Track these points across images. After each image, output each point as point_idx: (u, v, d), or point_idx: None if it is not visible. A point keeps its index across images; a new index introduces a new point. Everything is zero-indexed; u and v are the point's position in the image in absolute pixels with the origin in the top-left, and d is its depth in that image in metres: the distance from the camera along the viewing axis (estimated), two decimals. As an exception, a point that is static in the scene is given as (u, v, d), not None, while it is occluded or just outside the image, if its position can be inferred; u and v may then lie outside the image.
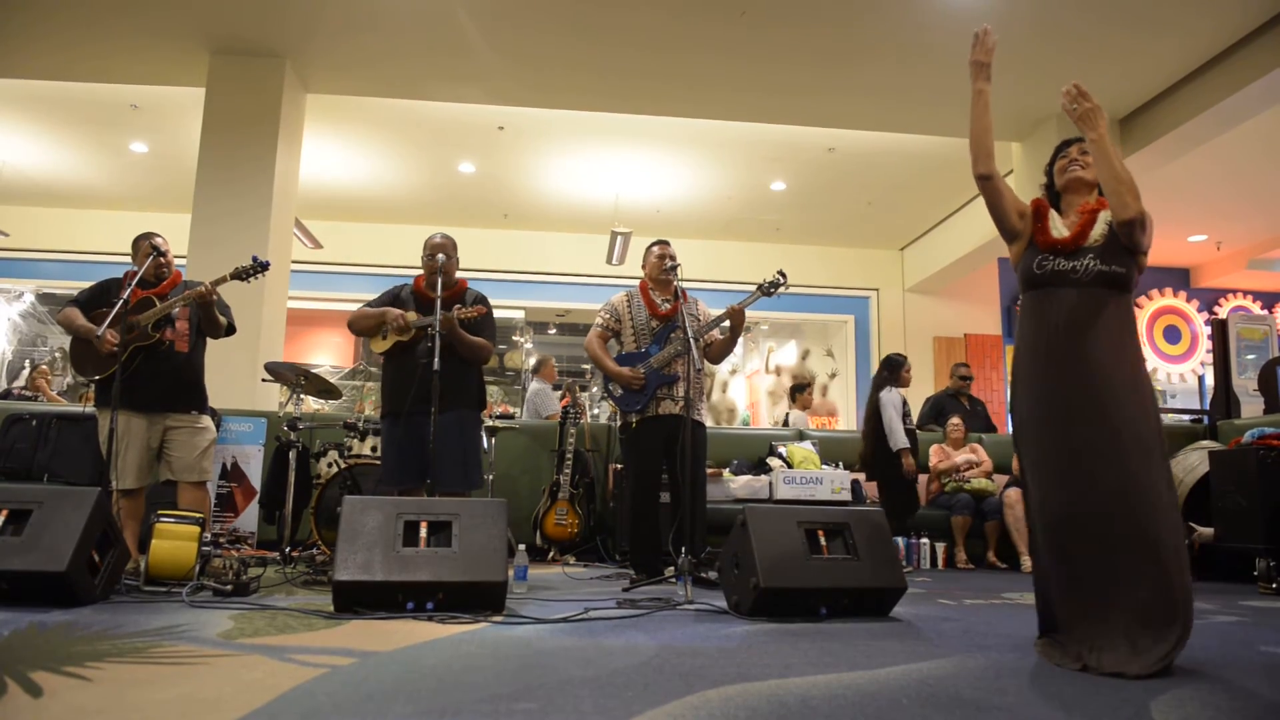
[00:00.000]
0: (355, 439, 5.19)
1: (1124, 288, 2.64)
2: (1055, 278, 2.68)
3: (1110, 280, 2.62)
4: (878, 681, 2.11)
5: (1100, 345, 2.57)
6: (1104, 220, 2.70)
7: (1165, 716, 1.82)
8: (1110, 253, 2.63)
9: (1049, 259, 2.71)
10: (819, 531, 3.38)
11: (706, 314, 4.78)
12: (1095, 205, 2.74)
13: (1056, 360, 2.63)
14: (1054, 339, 2.64)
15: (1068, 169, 2.84)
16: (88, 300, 4.31)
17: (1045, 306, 2.69)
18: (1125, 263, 2.62)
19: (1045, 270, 2.71)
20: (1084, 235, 2.69)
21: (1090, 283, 2.62)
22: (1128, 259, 2.63)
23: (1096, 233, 2.69)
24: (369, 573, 3.05)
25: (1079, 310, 2.61)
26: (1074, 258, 2.67)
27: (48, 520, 3.11)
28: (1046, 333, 2.66)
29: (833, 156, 9.25)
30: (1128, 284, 2.65)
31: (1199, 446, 5.53)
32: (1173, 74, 7.23)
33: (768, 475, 6.27)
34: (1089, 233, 2.69)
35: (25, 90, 8.22)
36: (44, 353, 11.88)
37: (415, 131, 9.02)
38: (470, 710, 1.76)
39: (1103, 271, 2.62)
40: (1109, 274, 2.61)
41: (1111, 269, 2.62)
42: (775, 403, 13.69)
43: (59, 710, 1.70)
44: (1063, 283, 2.66)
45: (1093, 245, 2.67)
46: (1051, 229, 2.77)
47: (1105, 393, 2.54)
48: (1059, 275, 2.68)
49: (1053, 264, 2.70)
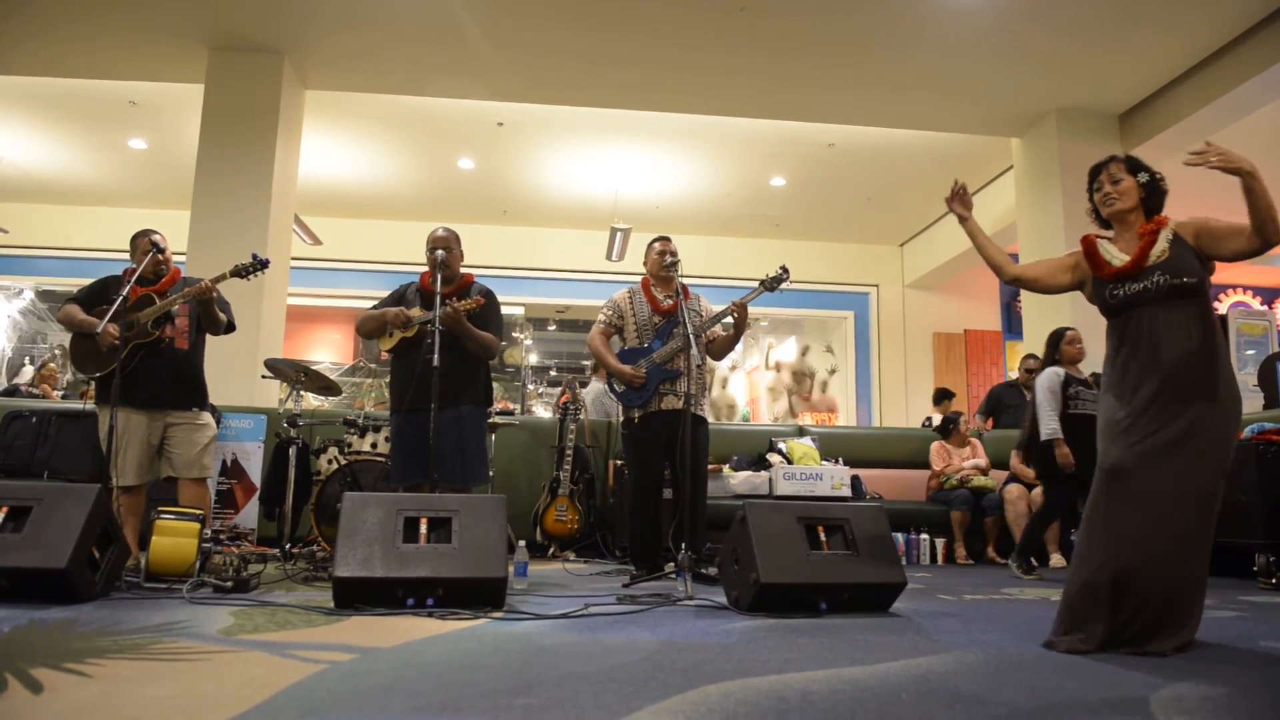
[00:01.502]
0: (355, 435, 5.19)
1: (1201, 295, 2.74)
2: (1131, 300, 2.79)
3: (1184, 291, 2.70)
4: (877, 676, 2.11)
5: (1184, 351, 2.67)
6: (1165, 238, 2.79)
7: (1165, 711, 1.82)
8: (1178, 266, 2.72)
9: (1119, 286, 2.82)
10: (819, 527, 3.39)
11: (708, 310, 4.78)
12: (1154, 225, 2.84)
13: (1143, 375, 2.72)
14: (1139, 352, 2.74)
15: (1105, 203, 2.93)
16: (87, 298, 4.30)
17: (1128, 326, 2.80)
18: (1195, 272, 2.72)
19: (1119, 297, 2.82)
20: (1144, 257, 2.78)
21: (1166, 296, 2.71)
22: (1197, 268, 2.73)
23: (1158, 250, 2.78)
24: (369, 569, 3.05)
25: (1165, 327, 2.71)
26: (1142, 279, 2.77)
27: (48, 517, 3.11)
28: (1143, 348, 2.74)
29: (832, 152, 9.24)
30: (1202, 291, 2.74)
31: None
32: (1173, 69, 7.22)
33: (768, 471, 6.27)
34: (1149, 253, 2.78)
35: (24, 87, 8.21)
36: (44, 350, 11.87)
37: (414, 127, 9.01)
38: (470, 706, 1.76)
39: (1175, 285, 2.71)
40: (1181, 286, 2.71)
41: (1183, 281, 2.70)
42: (775, 399, 13.70)
43: (59, 707, 1.70)
44: (1140, 303, 2.77)
45: (1157, 263, 2.76)
46: (1109, 260, 2.87)
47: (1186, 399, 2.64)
48: (1134, 297, 2.78)
49: (1124, 289, 2.80)
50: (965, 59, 7.08)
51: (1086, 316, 7.78)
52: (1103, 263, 2.87)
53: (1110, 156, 2.98)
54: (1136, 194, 2.91)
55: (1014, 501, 5.89)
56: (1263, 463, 4.75)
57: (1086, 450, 3.92)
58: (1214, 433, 2.64)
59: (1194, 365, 2.66)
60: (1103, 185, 2.95)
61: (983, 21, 6.56)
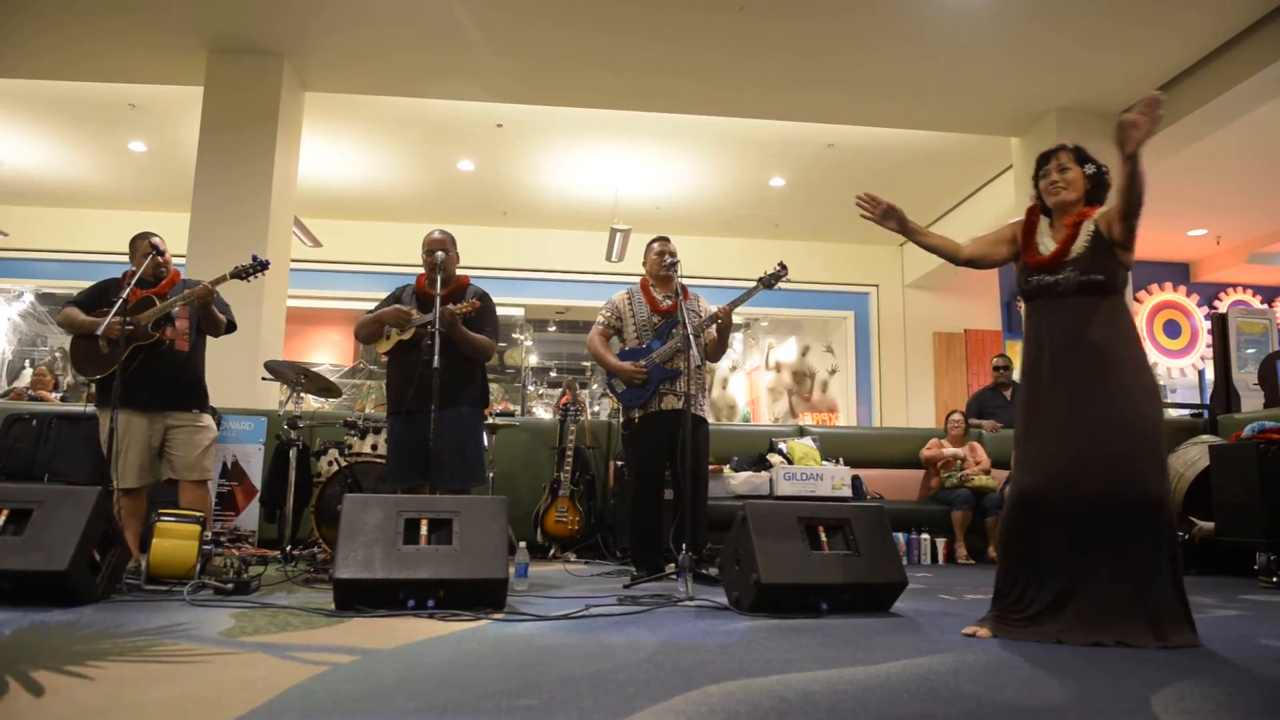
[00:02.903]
0: (355, 437, 5.19)
1: (1109, 291, 2.78)
2: (1042, 291, 2.86)
3: (1092, 288, 2.76)
4: (879, 677, 2.11)
5: (1092, 352, 2.73)
6: (1087, 232, 2.82)
7: (1166, 710, 1.82)
8: (1091, 262, 2.77)
9: (1034, 275, 2.88)
10: (819, 527, 3.38)
11: (707, 310, 4.78)
12: (1078, 217, 2.86)
13: (1054, 368, 2.79)
14: (1049, 348, 2.81)
15: (1050, 191, 2.93)
16: (87, 300, 4.30)
17: (1039, 318, 2.88)
18: (1107, 268, 2.76)
19: (1032, 286, 2.89)
20: (1065, 251, 2.82)
21: (1074, 293, 2.77)
22: (1110, 264, 2.76)
23: (1078, 246, 2.81)
24: (370, 570, 3.05)
25: (1069, 320, 2.78)
26: (1056, 272, 2.82)
27: (48, 520, 3.11)
28: (1042, 342, 2.83)
29: (832, 152, 9.24)
30: (1113, 288, 2.78)
31: (1199, 441, 5.53)
32: (1172, 68, 7.22)
33: (768, 471, 6.27)
34: (1070, 247, 2.82)
35: (24, 90, 8.21)
36: (44, 352, 11.87)
37: (414, 129, 9.01)
38: (472, 707, 1.76)
39: (1083, 282, 2.77)
40: (1089, 283, 2.76)
41: (1091, 278, 2.76)
42: (775, 399, 13.70)
43: (61, 709, 1.70)
44: (1050, 295, 2.83)
45: (1074, 258, 2.80)
46: (1038, 245, 2.92)
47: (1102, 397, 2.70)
48: (1045, 289, 2.85)
49: (1038, 279, 2.87)
50: (965, 58, 7.08)
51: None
52: (1032, 247, 2.93)
53: (1060, 145, 2.97)
54: (1082, 185, 2.91)
55: (1015, 501, 5.89)
56: (1263, 461, 4.75)
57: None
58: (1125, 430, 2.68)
59: (1098, 362, 2.71)
60: (1050, 173, 2.94)
61: (982, 21, 6.56)
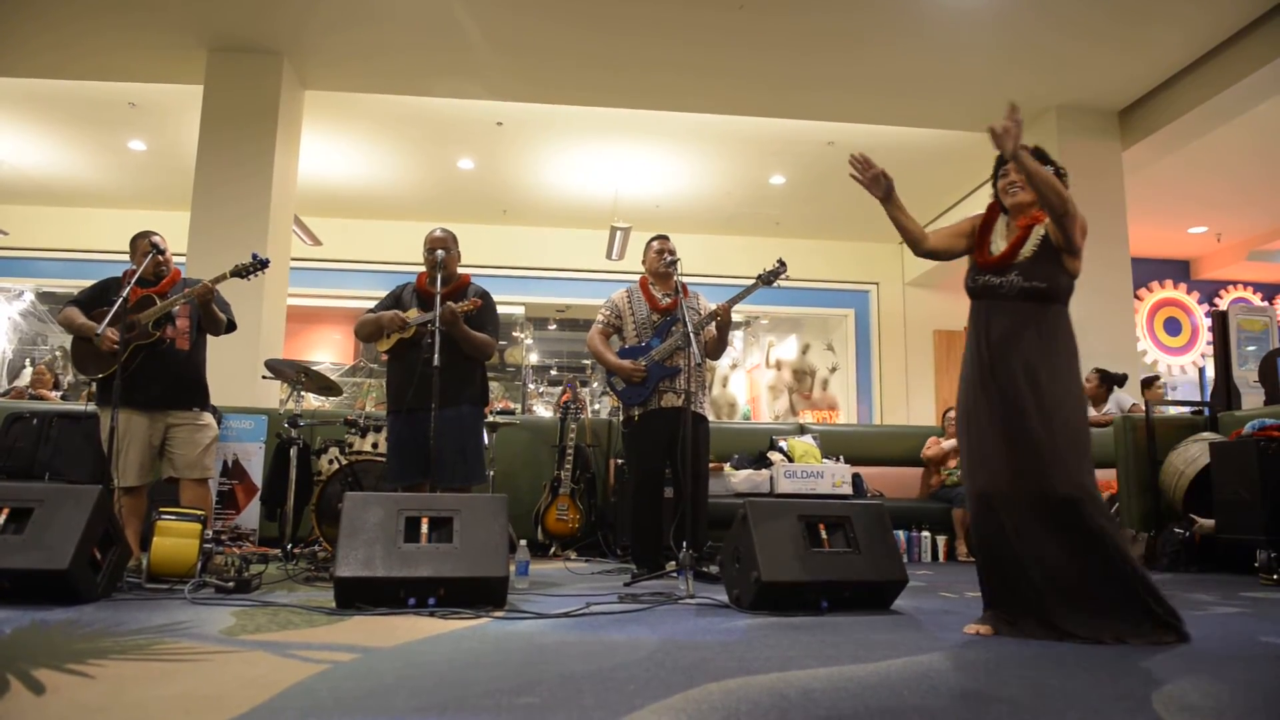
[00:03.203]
0: (356, 435, 5.19)
1: (1051, 300, 2.81)
2: (985, 292, 2.87)
3: (1033, 295, 2.78)
4: (879, 674, 2.11)
5: (1026, 358, 2.75)
6: (1036, 235, 2.83)
7: (1166, 708, 1.82)
8: (1035, 269, 2.79)
9: (981, 274, 2.89)
10: (820, 525, 3.38)
11: (706, 308, 4.78)
12: (1030, 220, 2.86)
13: (989, 370, 2.81)
14: (987, 350, 2.83)
15: (1007, 193, 2.93)
16: (88, 300, 4.30)
17: (980, 318, 2.89)
18: (1050, 277, 2.79)
19: (977, 285, 2.90)
20: (1013, 253, 2.84)
21: (1015, 297, 2.79)
22: (1054, 272, 2.79)
23: (1026, 249, 2.83)
24: (370, 569, 3.05)
25: (1006, 324, 2.80)
26: (1001, 274, 2.84)
27: (49, 518, 3.11)
28: (980, 343, 2.85)
29: (832, 150, 9.23)
30: (1054, 296, 2.81)
31: (1200, 438, 5.52)
32: (1172, 66, 7.22)
33: (769, 469, 6.27)
34: (1019, 250, 2.83)
35: (23, 89, 8.20)
36: (44, 351, 11.88)
37: (414, 127, 9.01)
38: (472, 705, 1.76)
39: (1025, 288, 2.79)
40: (1030, 289, 2.79)
41: (1033, 284, 2.78)
42: (775, 397, 13.70)
43: (61, 707, 1.70)
44: (992, 296, 2.85)
45: (1020, 262, 2.81)
46: (991, 244, 2.94)
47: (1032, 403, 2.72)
48: (988, 289, 2.86)
49: (983, 280, 2.89)
50: (965, 56, 7.08)
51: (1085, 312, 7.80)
52: (986, 245, 2.94)
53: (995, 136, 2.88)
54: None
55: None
56: (1264, 459, 4.75)
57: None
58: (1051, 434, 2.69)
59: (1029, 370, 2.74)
60: (1009, 173, 2.94)
61: (982, 18, 6.56)
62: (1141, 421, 5.82)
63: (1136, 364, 8.35)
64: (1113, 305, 7.94)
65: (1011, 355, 2.77)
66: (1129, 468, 5.76)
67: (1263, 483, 4.71)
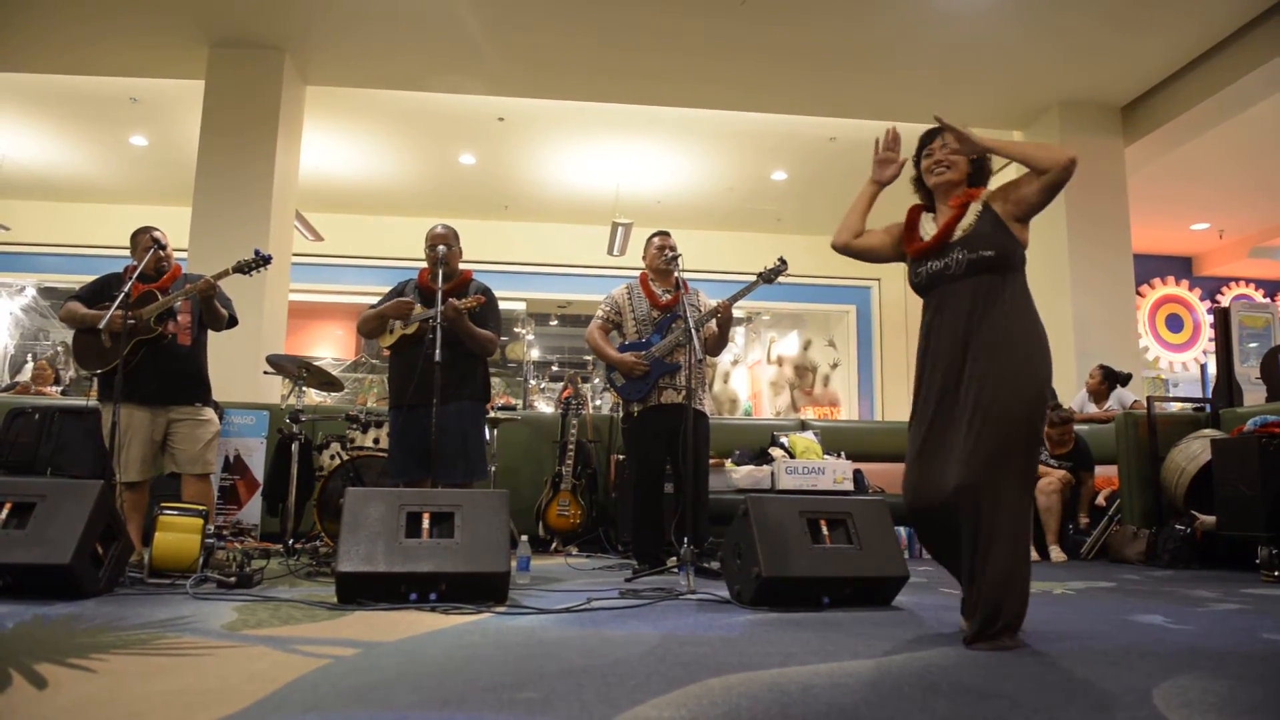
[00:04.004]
0: (357, 431, 5.19)
1: (1006, 268, 2.60)
2: (934, 279, 2.69)
3: (984, 266, 2.58)
4: (880, 670, 2.11)
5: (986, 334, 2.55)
6: (973, 211, 2.67)
7: (1167, 703, 1.82)
8: (980, 239, 2.60)
9: (922, 264, 2.72)
10: (821, 521, 3.38)
11: (707, 305, 4.77)
12: (965, 198, 2.71)
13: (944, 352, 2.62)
14: (944, 333, 2.64)
15: (934, 172, 2.76)
16: (89, 295, 4.31)
17: (930, 308, 2.71)
18: (997, 244, 2.58)
19: (922, 276, 2.72)
20: (949, 232, 2.67)
21: (966, 274, 2.60)
22: (1001, 239, 2.59)
23: (965, 224, 2.66)
24: (372, 564, 3.06)
25: (966, 305, 2.59)
26: (944, 255, 2.66)
27: (51, 513, 3.11)
28: (938, 328, 2.66)
29: (834, 146, 9.23)
30: (1008, 263, 2.60)
31: (1201, 435, 5.52)
32: (1175, 62, 7.21)
33: (770, 465, 6.27)
34: (955, 228, 2.67)
35: (25, 84, 8.21)
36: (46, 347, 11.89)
37: (415, 123, 9.01)
38: (474, 699, 1.77)
39: (973, 260, 2.59)
40: (979, 260, 2.58)
41: (980, 254, 2.58)
42: (777, 393, 13.70)
43: (64, 701, 1.71)
44: (941, 282, 2.66)
45: (961, 238, 2.64)
46: (921, 233, 2.77)
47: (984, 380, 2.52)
48: (935, 276, 2.68)
49: (927, 269, 2.70)
50: (967, 51, 7.07)
51: (1087, 308, 7.80)
52: (915, 237, 2.77)
53: (938, 128, 2.77)
54: (965, 167, 2.74)
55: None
56: (1265, 456, 4.74)
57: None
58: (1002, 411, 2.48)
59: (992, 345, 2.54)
60: (934, 153, 2.76)
61: (985, 14, 6.55)
62: (1143, 418, 5.82)
63: (1139, 361, 8.35)
64: (1115, 302, 7.94)
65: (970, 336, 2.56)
66: (1130, 464, 5.76)
67: (1264, 479, 4.70)
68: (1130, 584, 4.25)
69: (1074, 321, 7.79)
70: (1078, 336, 7.76)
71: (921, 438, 2.64)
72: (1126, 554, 5.48)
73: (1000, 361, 2.52)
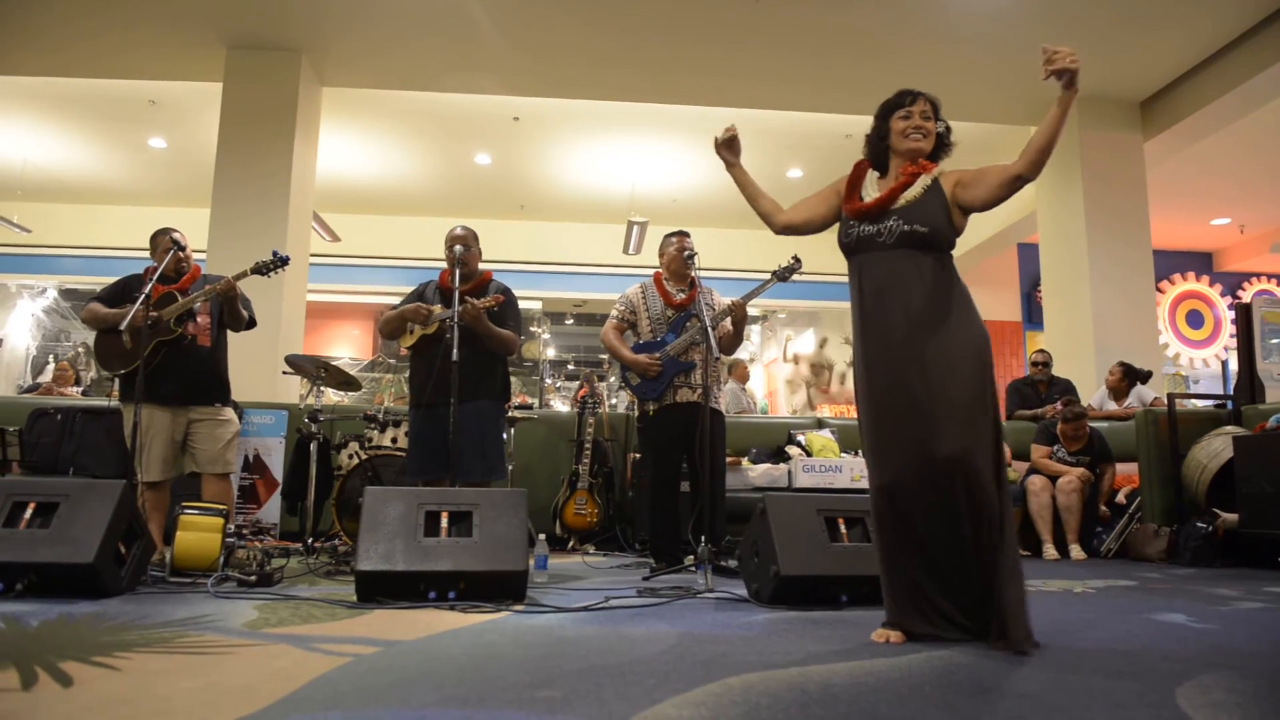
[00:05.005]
0: (375, 430, 5.22)
1: (935, 248, 2.56)
2: (862, 244, 2.63)
3: (916, 241, 2.54)
4: (900, 669, 2.11)
5: (911, 309, 2.51)
6: (922, 184, 2.61)
7: (1190, 703, 1.81)
8: (918, 213, 2.55)
9: (854, 225, 2.66)
10: (839, 519, 3.37)
11: (720, 303, 4.77)
12: (917, 169, 2.65)
13: (871, 326, 2.58)
14: (867, 305, 2.60)
15: (909, 136, 2.67)
16: (110, 296, 4.34)
17: (859, 273, 2.65)
18: (933, 221, 2.54)
19: (852, 237, 2.66)
20: (891, 199, 2.61)
21: (896, 244, 2.55)
22: (939, 218, 2.54)
23: (910, 194, 2.60)
24: (391, 563, 3.07)
25: (889, 275, 2.55)
26: (879, 221, 2.60)
27: (74, 513, 3.15)
28: (860, 299, 2.62)
29: (850, 143, 9.18)
30: (939, 243, 2.56)
31: (1223, 432, 5.47)
32: (1195, 55, 7.15)
33: (786, 464, 6.26)
34: (898, 195, 2.61)
35: (45, 88, 8.29)
36: (67, 348, 12.00)
37: (431, 123, 9.04)
38: (494, 698, 1.77)
39: (906, 232, 2.54)
40: (912, 234, 2.53)
41: (914, 228, 2.53)
42: (793, 391, 13.67)
43: (88, 699, 1.72)
44: (870, 247, 2.61)
45: (901, 207, 2.58)
46: (862, 193, 2.70)
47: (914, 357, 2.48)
48: (865, 240, 2.62)
49: (858, 230, 2.64)
50: (984, 46, 7.03)
51: (1107, 304, 7.74)
52: (855, 195, 2.70)
53: (919, 92, 2.74)
54: (933, 139, 2.69)
55: (1037, 493, 5.86)
56: (1288, 452, 4.70)
57: None
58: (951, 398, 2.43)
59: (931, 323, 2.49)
60: (913, 115, 2.68)
61: (1002, 8, 6.51)
62: (1163, 415, 5.77)
63: (1158, 357, 8.29)
64: (1134, 298, 7.88)
65: (891, 305, 2.52)
66: (1151, 462, 5.71)
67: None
68: (1151, 582, 4.22)
69: (1093, 317, 7.73)
70: (1097, 332, 7.70)
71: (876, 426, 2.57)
72: (1147, 552, 5.43)
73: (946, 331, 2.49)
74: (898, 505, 2.50)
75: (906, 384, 2.49)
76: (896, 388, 2.52)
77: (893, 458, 2.52)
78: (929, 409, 2.45)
